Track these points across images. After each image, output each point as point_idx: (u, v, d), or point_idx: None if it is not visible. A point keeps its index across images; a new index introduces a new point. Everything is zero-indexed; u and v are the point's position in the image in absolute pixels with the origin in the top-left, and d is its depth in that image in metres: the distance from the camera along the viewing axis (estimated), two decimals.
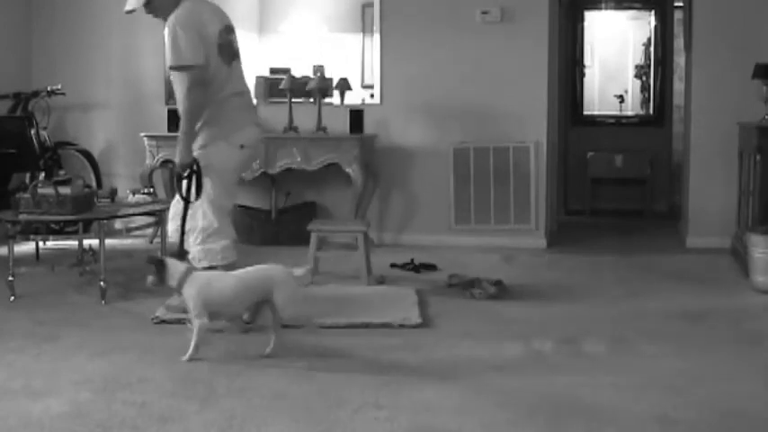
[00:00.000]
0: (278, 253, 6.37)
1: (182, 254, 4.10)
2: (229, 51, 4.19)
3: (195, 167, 4.06)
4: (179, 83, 4.12)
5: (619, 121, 9.18)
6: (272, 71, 7.94)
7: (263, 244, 6.71)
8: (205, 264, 4.13)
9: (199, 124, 4.13)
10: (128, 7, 4.23)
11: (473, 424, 3.00)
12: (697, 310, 4.65)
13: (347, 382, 3.45)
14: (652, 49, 9.07)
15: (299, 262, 5.49)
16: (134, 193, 5.56)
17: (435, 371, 3.60)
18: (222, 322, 4.05)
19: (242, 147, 4.20)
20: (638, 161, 8.71)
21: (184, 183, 4.09)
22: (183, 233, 4.13)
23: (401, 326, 4.26)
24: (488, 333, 4.19)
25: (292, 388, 3.37)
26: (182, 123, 4.10)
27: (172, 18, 4.05)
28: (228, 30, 4.22)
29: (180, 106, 4.15)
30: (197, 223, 4.16)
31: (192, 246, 4.18)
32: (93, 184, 6.86)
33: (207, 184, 4.10)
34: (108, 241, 5.22)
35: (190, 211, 4.12)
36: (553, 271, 5.81)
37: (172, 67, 4.12)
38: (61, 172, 6.63)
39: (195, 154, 4.08)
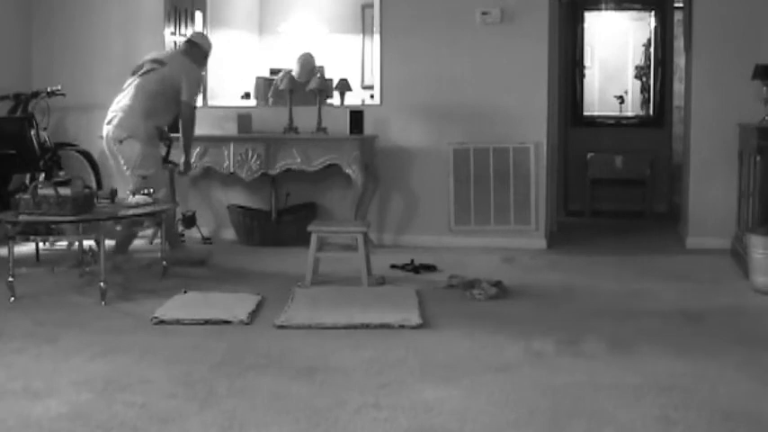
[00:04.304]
0: (278, 254, 6.38)
1: None
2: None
3: None
4: None
5: (619, 122, 9.17)
6: (272, 71, 7.95)
7: (263, 245, 6.71)
8: None
9: None
10: None
11: (473, 424, 3.00)
12: (697, 310, 4.65)
13: (347, 382, 3.44)
14: (652, 49, 9.07)
15: (299, 262, 5.52)
16: (134, 194, 5.55)
17: (435, 371, 3.60)
18: None
19: None
20: (637, 162, 8.70)
21: None
22: None
23: (401, 326, 4.26)
24: (488, 333, 4.19)
25: (292, 388, 3.37)
26: None
27: None
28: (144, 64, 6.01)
29: None
30: None
31: None
32: (93, 184, 6.86)
33: None
34: (108, 242, 5.22)
35: None
36: (553, 272, 5.80)
37: None
38: (61, 173, 6.64)
39: None
